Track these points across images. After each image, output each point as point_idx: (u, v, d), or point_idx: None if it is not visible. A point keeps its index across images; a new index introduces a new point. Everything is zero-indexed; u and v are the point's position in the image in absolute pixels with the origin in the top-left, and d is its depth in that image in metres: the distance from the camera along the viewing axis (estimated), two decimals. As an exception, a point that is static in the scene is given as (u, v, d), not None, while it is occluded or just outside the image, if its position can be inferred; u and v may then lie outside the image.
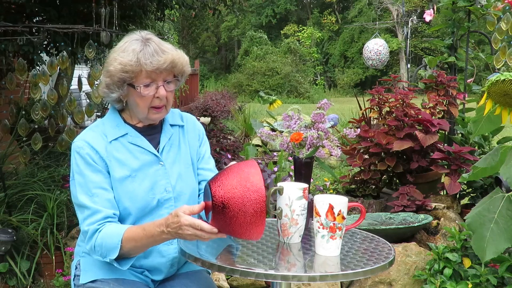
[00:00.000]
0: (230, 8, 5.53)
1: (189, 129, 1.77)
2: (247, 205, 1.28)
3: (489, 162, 1.58)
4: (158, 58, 1.52)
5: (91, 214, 1.53)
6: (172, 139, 1.71)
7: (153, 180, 1.61)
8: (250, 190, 1.29)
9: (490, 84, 1.42)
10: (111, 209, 1.55)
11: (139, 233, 1.47)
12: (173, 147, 1.70)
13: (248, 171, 1.33)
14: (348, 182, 3.54)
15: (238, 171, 1.33)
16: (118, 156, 1.60)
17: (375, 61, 9.21)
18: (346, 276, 1.32)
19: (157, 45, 1.55)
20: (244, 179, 1.31)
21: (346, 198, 1.44)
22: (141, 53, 1.52)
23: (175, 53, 1.57)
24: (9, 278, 2.90)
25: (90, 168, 1.56)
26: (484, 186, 3.23)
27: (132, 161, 1.61)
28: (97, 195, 1.54)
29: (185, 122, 1.77)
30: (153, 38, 1.58)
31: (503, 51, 3.26)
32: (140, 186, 1.59)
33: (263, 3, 30.59)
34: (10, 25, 3.07)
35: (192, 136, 1.77)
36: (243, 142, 7.18)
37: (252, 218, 1.29)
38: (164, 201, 1.62)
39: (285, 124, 2.59)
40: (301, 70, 24.30)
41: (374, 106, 3.46)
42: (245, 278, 2.05)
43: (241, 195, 1.29)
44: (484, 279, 2.38)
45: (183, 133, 1.75)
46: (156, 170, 1.63)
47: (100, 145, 1.59)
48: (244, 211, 1.28)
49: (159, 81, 1.56)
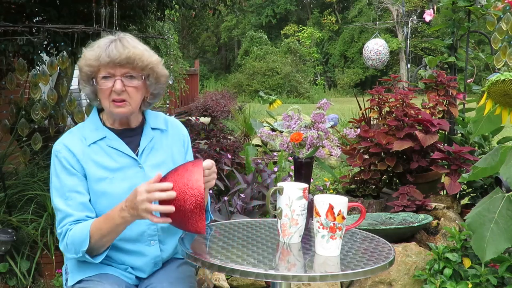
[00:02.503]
0: (230, 8, 5.52)
1: (172, 134, 1.77)
2: (187, 201, 1.38)
3: (489, 162, 1.58)
4: (114, 52, 1.54)
5: (64, 217, 1.57)
6: (153, 142, 1.71)
7: (131, 182, 1.62)
8: (189, 187, 1.38)
9: (490, 84, 1.42)
10: (83, 211, 1.57)
11: (101, 220, 1.52)
12: (154, 150, 1.71)
13: (192, 169, 1.41)
14: (348, 182, 3.54)
15: (183, 169, 1.43)
16: (96, 159, 1.62)
17: (375, 61, 9.20)
18: (346, 276, 1.32)
19: (122, 42, 1.57)
20: (186, 176, 1.40)
21: (346, 198, 1.44)
22: (104, 48, 1.55)
23: (135, 50, 1.57)
24: (9, 278, 2.90)
25: (66, 171, 1.59)
26: (484, 186, 3.23)
27: (110, 163, 1.63)
28: (71, 198, 1.57)
29: (169, 127, 1.78)
30: (125, 37, 1.59)
31: (503, 51, 3.26)
32: (118, 188, 1.61)
33: (263, 3, 30.57)
34: (10, 25, 3.07)
35: (176, 141, 1.77)
36: (243, 142, 7.17)
37: (192, 214, 1.38)
38: None
39: (285, 124, 2.59)
40: (301, 70, 24.29)
41: (374, 106, 3.46)
42: (245, 278, 2.05)
43: (182, 191, 1.38)
44: (484, 279, 2.38)
45: (166, 137, 1.75)
46: (135, 172, 1.64)
47: (78, 149, 1.61)
48: (184, 207, 1.38)
49: (117, 75, 1.57)
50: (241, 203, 3.18)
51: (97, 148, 1.64)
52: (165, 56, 6.91)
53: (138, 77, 1.60)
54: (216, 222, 1.79)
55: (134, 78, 1.59)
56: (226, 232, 1.62)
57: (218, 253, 1.41)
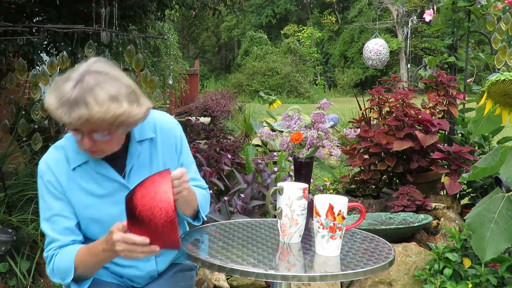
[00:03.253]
0: (230, 8, 5.52)
1: (162, 139, 1.62)
2: (156, 216, 1.29)
3: (489, 162, 1.58)
4: (73, 115, 1.32)
5: (50, 241, 1.52)
6: (141, 158, 1.58)
7: (122, 207, 1.49)
8: (157, 200, 1.29)
9: (490, 84, 1.42)
10: (69, 236, 1.52)
11: (85, 253, 1.46)
12: (143, 166, 1.58)
13: (159, 181, 1.33)
14: (348, 182, 3.54)
15: (149, 182, 1.34)
16: (82, 184, 1.52)
17: (375, 61, 9.21)
18: (346, 276, 1.32)
19: (84, 92, 1.32)
20: (153, 189, 1.32)
21: (346, 198, 1.44)
22: (63, 103, 1.32)
23: (95, 109, 1.31)
24: (9, 278, 2.90)
25: (51, 195, 1.52)
26: (484, 186, 3.23)
27: (97, 189, 1.53)
28: (56, 222, 1.51)
29: (158, 133, 1.62)
30: (88, 80, 1.34)
31: (503, 51, 3.26)
32: (108, 213, 1.53)
33: (263, 3, 30.59)
34: (10, 25, 3.07)
35: (167, 147, 1.63)
36: (243, 142, 7.17)
37: (163, 228, 1.30)
38: None
39: (285, 124, 2.59)
40: (301, 70, 24.29)
41: (374, 106, 3.46)
42: (245, 278, 2.05)
43: (150, 206, 1.29)
44: (484, 279, 2.38)
45: (156, 145, 1.61)
46: (123, 196, 1.50)
47: (62, 173, 1.52)
48: (155, 222, 1.29)
49: (83, 131, 1.38)
50: (241, 203, 3.18)
51: (81, 172, 1.53)
52: (165, 56, 6.90)
53: (106, 133, 1.39)
54: (216, 222, 1.78)
55: (102, 135, 1.39)
56: (226, 232, 1.62)
57: (218, 253, 1.41)
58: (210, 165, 3.82)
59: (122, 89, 1.36)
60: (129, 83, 1.40)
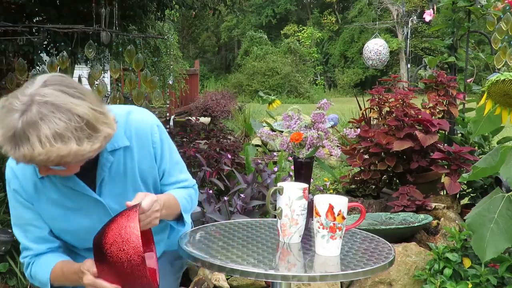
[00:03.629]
0: (230, 8, 5.53)
1: (139, 147, 1.48)
2: (124, 261, 1.26)
3: (489, 162, 1.58)
4: (15, 151, 1.18)
5: (24, 248, 1.48)
6: (114, 168, 1.45)
7: (93, 218, 1.45)
8: (125, 242, 1.26)
9: (490, 84, 1.42)
10: (43, 244, 1.47)
11: (59, 274, 1.42)
12: (117, 177, 1.46)
13: (127, 215, 1.28)
14: (348, 182, 3.54)
15: (116, 224, 1.28)
16: (51, 196, 1.42)
17: (375, 61, 9.21)
18: (346, 276, 1.32)
19: (28, 127, 1.17)
20: (120, 232, 1.26)
21: (346, 198, 1.44)
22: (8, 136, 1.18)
23: (38, 149, 1.17)
24: (9, 278, 2.90)
25: (19, 204, 1.44)
26: (484, 186, 3.23)
27: (67, 202, 1.43)
28: (29, 231, 1.46)
29: (134, 140, 1.47)
30: (33, 113, 1.17)
31: (503, 51, 3.26)
32: (78, 226, 1.46)
33: (263, 3, 30.59)
34: (10, 25, 3.07)
35: (144, 155, 1.49)
36: (243, 142, 7.17)
37: (134, 272, 1.26)
38: None
39: (285, 124, 2.59)
40: (301, 70, 24.29)
41: (374, 106, 3.46)
42: (245, 278, 2.05)
43: (115, 240, 1.26)
44: (484, 279, 2.38)
45: (131, 153, 1.47)
46: (95, 209, 1.45)
47: (29, 182, 1.41)
48: (124, 266, 1.26)
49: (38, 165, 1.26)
50: (241, 203, 3.18)
51: (49, 183, 1.41)
52: (165, 56, 6.91)
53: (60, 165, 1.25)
54: (216, 222, 1.78)
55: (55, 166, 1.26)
56: (226, 232, 1.62)
57: (218, 253, 1.41)
58: (210, 165, 3.82)
59: (71, 124, 1.19)
60: (83, 112, 1.21)
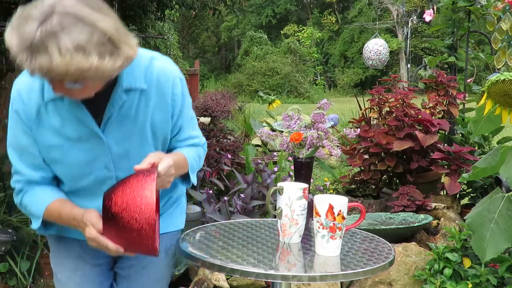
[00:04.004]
0: (230, 8, 5.53)
1: (157, 95, 1.39)
2: (135, 222, 1.22)
3: (489, 162, 1.58)
4: (32, 60, 1.13)
5: (17, 172, 1.43)
6: (124, 109, 1.37)
7: (91, 155, 1.37)
8: (139, 203, 1.22)
9: (490, 84, 1.42)
10: (37, 171, 1.41)
11: (55, 216, 1.39)
12: (126, 118, 1.37)
13: (143, 182, 1.24)
14: (348, 182, 3.54)
15: (131, 183, 1.25)
16: (52, 123, 1.36)
17: (375, 61, 9.22)
18: (346, 276, 1.32)
19: (47, 37, 1.11)
20: (135, 191, 1.23)
21: (346, 198, 1.44)
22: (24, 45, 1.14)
23: (57, 60, 1.11)
24: (9, 278, 2.90)
25: (18, 126, 1.38)
26: (484, 186, 3.23)
27: (68, 131, 1.36)
28: (24, 156, 1.40)
29: (154, 86, 1.39)
30: (53, 23, 1.11)
31: (503, 51, 3.26)
32: (74, 159, 1.38)
33: (263, 3, 30.60)
34: (10, 25, 3.07)
35: (161, 105, 1.40)
36: (243, 142, 7.17)
37: (141, 235, 1.23)
38: (104, 179, 1.42)
39: (285, 124, 2.59)
40: (301, 70, 24.30)
41: (374, 106, 3.46)
42: (245, 278, 2.06)
43: (128, 207, 1.22)
44: (484, 279, 2.38)
45: (147, 99, 1.38)
46: (95, 145, 1.37)
47: (33, 105, 1.35)
48: (133, 228, 1.22)
49: (52, 79, 1.20)
50: (241, 203, 3.18)
51: (54, 108, 1.35)
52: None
53: (77, 83, 1.19)
54: (216, 222, 1.79)
55: (72, 83, 1.20)
56: (226, 232, 1.62)
57: (218, 253, 1.41)
58: (210, 165, 3.82)
59: (94, 37, 1.12)
60: (107, 28, 1.15)
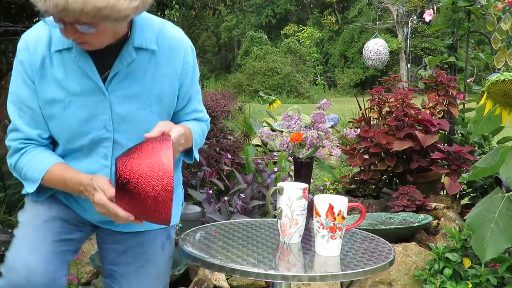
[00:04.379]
0: (230, 8, 5.54)
1: (168, 58, 1.37)
2: (151, 192, 1.17)
3: (489, 162, 1.58)
4: (47, 3, 1.15)
5: (14, 129, 1.38)
6: (132, 68, 1.34)
7: (91, 112, 1.33)
8: (156, 172, 1.17)
9: (490, 84, 1.42)
10: (36, 129, 1.37)
11: (59, 181, 1.34)
12: (131, 77, 1.34)
13: (160, 148, 1.19)
14: (348, 182, 3.54)
15: (146, 150, 1.20)
16: (55, 74, 1.33)
17: (375, 61, 9.22)
18: (346, 276, 1.32)
19: None
20: (152, 159, 1.17)
21: (346, 198, 1.44)
22: None
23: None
24: (9, 278, 2.89)
25: (21, 78, 1.35)
26: (484, 186, 3.23)
27: (71, 84, 1.33)
28: (24, 110, 1.36)
29: (165, 50, 1.37)
30: None
31: (503, 51, 3.26)
32: (74, 115, 1.34)
33: (263, 3, 30.59)
34: (10, 25, 3.08)
35: (170, 71, 1.38)
36: (243, 142, 7.17)
37: (156, 205, 1.18)
38: (101, 140, 1.37)
39: (285, 124, 2.59)
40: (301, 70, 24.30)
41: (374, 106, 3.46)
42: (245, 278, 2.05)
43: (145, 174, 1.16)
44: (484, 279, 2.38)
45: (156, 63, 1.36)
46: (97, 101, 1.33)
47: (39, 55, 1.33)
48: (148, 197, 1.17)
49: (66, 21, 1.19)
50: (241, 203, 3.18)
51: (60, 59, 1.32)
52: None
53: (91, 26, 1.18)
54: (216, 222, 1.79)
55: (86, 26, 1.18)
56: (226, 232, 1.62)
57: (218, 253, 1.41)
58: (210, 165, 3.82)
59: None
60: None
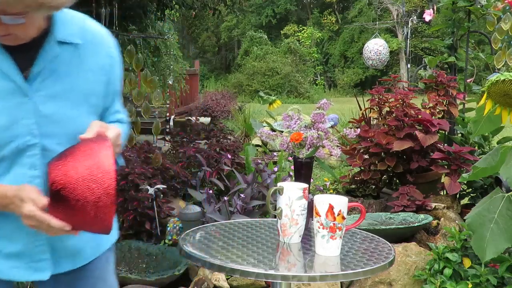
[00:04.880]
0: (230, 8, 5.54)
1: (92, 52, 1.27)
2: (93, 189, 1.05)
3: (489, 162, 1.58)
4: None
5: None
6: (57, 63, 1.21)
7: (12, 117, 1.16)
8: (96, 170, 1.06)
9: (490, 84, 1.42)
10: None
11: None
12: (57, 73, 1.21)
13: (98, 148, 1.09)
14: (348, 182, 3.54)
15: (84, 149, 1.09)
16: None
17: (375, 61, 9.22)
18: (346, 276, 1.32)
19: None
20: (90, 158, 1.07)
21: (346, 198, 1.44)
22: None
23: None
24: (9, 278, 2.89)
25: None
26: (484, 186, 3.23)
27: None
28: None
29: (88, 42, 1.27)
30: None
31: (503, 51, 3.27)
32: None
33: (263, 3, 30.59)
34: (10, 25, 3.07)
35: (96, 66, 1.28)
36: (243, 142, 7.17)
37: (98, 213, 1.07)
38: (27, 147, 1.19)
39: (285, 124, 2.59)
40: (301, 70, 24.30)
41: (374, 106, 3.46)
42: (245, 278, 2.06)
43: (83, 177, 1.05)
44: (484, 279, 2.38)
45: (80, 55, 1.25)
46: (18, 104, 1.17)
47: None
48: (87, 206, 1.05)
49: None
50: (241, 203, 3.18)
51: None
52: (165, 56, 6.91)
53: (20, 16, 1.08)
54: (216, 222, 1.78)
55: (15, 17, 1.07)
56: (226, 232, 1.62)
57: (218, 253, 1.41)
58: (210, 165, 3.82)
59: None
60: None
